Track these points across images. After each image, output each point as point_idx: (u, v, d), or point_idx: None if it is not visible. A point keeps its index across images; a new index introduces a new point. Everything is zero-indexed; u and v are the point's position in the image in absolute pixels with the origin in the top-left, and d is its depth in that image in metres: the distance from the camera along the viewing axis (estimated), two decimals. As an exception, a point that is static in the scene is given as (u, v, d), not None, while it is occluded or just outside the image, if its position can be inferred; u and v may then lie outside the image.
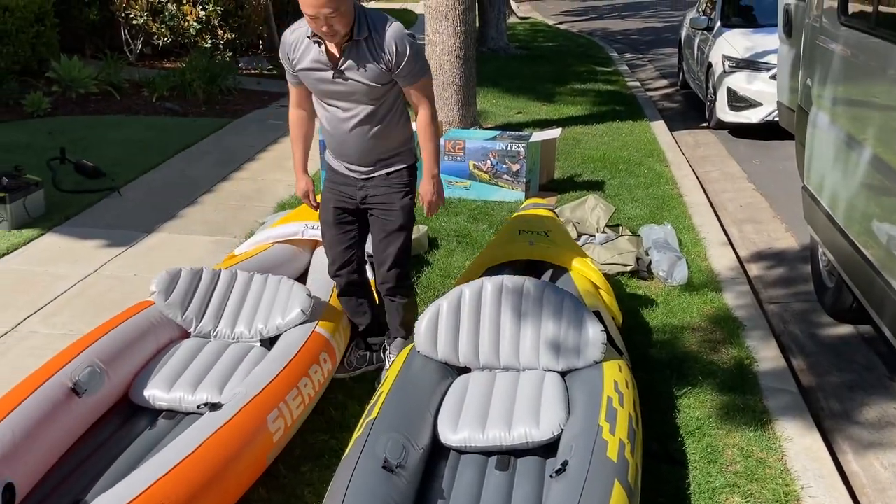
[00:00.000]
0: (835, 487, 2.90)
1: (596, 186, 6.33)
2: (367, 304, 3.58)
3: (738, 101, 8.14)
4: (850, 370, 3.86)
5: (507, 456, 2.73)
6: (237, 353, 3.25)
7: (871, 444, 3.32)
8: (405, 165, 3.26)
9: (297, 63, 3.06)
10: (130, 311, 3.29)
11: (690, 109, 9.78)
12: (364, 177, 3.23)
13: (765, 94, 7.86)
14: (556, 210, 4.46)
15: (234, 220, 5.60)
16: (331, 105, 3.11)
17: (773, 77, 7.52)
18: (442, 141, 6.15)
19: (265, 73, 11.53)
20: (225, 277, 3.54)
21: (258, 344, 3.36)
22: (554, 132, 6.48)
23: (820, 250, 4.32)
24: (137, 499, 2.25)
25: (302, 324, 3.32)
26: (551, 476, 2.46)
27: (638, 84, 11.34)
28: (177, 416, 2.98)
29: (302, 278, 4.01)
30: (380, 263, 3.35)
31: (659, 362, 3.72)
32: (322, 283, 3.74)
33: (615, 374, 2.92)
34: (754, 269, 5.04)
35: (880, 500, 3.01)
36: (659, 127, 8.51)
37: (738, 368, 3.68)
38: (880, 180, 3.12)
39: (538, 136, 6.25)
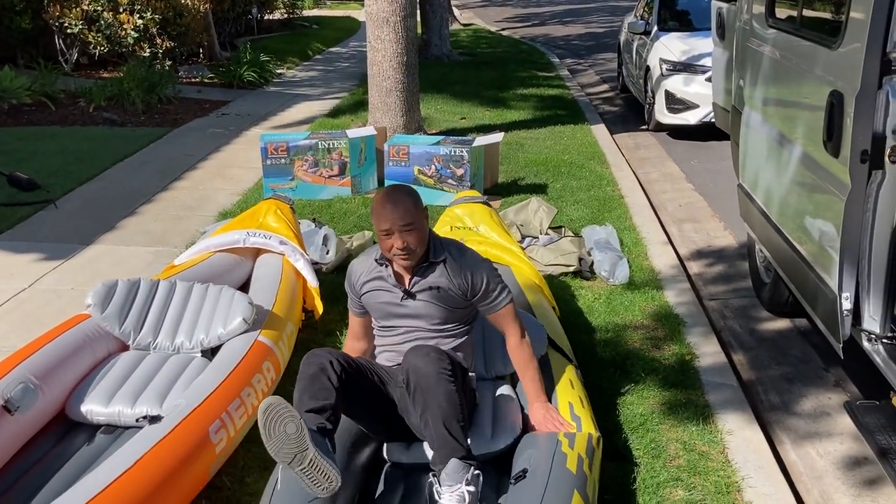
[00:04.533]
0: (773, 477, 2.97)
1: (539, 189, 6.38)
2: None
3: (675, 104, 8.30)
4: (787, 363, 3.96)
5: None
6: (177, 365, 3.20)
7: (807, 434, 3.40)
8: (459, 364, 2.75)
9: (362, 287, 2.82)
10: (65, 325, 3.22)
11: (630, 112, 9.94)
12: None
13: (701, 96, 8.03)
14: (486, 201, 4.45)
15: (174, 230, 5.50)
16: (394, 327, 2.83)
17: (710, 79, 7.70)
18: (386, 146, 6.15)
19: (206, 81, 11.38)
20: (164, 288, 3.48)
21: (199, 355, 3.30)
22: (497, 136, 6.52)
23: (756, 247, 4.43)
24: (74, 516, 2.19)
25: (244, 333, 3.28)
26: (511, 482, 2.46)
27: (579, 88, 11.48)
28: (116, 431, 2.92)
29: (244, 287, 3.95)
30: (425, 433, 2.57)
31: (603, 360, 3.76)
32: (264, 291, 3.69)
33: (564, 374, 2.96)
34: (694, 267, 5.14)
35: (817, 488, 3.09)
36: (600, 130, 8.63)
37: (680, 364, 3.75)
38: (810, 177, 3.21)
39: (481, 140, 6.28)
